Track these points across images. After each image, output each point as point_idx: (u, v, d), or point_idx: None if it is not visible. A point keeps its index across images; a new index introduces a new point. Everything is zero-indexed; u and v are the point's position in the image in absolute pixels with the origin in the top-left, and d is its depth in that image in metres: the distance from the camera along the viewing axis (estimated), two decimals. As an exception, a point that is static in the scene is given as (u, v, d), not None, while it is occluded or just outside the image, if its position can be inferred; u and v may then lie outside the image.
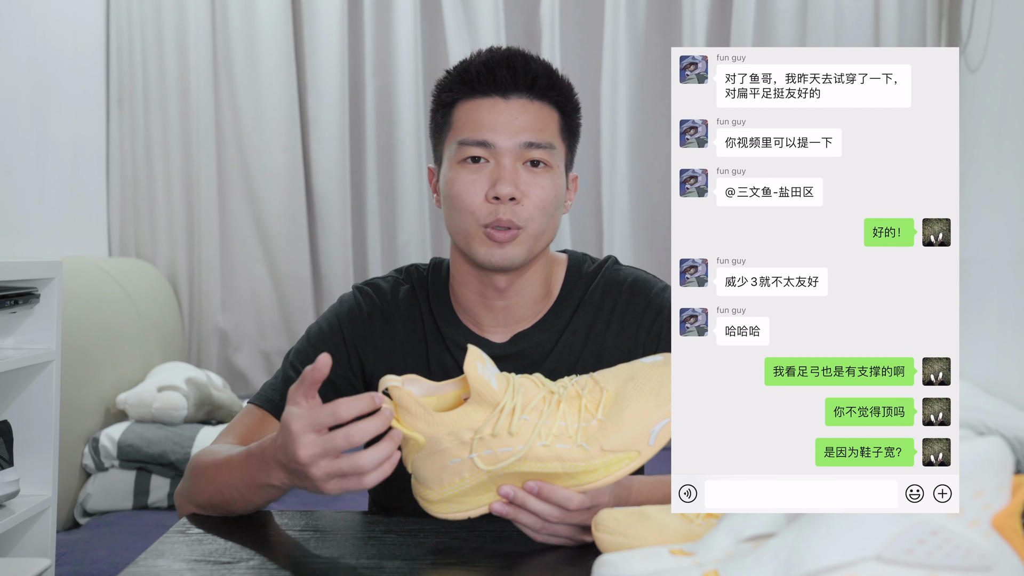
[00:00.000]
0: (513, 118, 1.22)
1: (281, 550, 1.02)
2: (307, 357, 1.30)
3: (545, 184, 1.22)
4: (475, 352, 0.98)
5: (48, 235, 2.85)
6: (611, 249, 3.30)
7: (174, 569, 0.96)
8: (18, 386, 2.09)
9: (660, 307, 1.30)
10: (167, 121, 3.31)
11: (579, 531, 1.01)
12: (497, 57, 1.24)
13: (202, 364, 3.34)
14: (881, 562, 0.69)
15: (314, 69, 3.33)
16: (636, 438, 0.96)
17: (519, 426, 0.96)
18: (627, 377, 0.99)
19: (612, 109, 3.30)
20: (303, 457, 0.94)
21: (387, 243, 3.39)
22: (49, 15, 2.85)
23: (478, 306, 1.29)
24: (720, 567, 0.74)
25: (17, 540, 2.07)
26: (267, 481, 1.03)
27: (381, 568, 0.97)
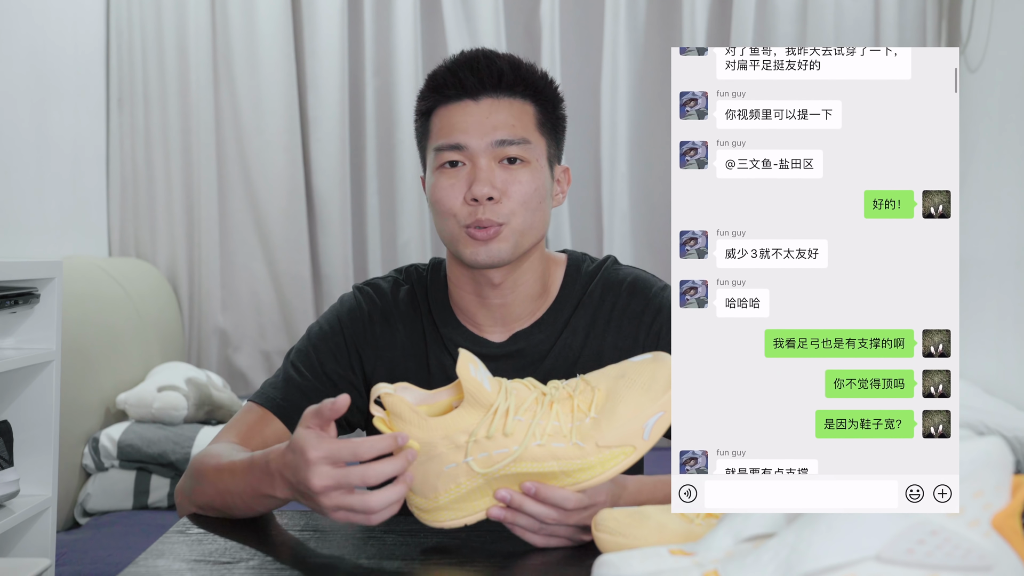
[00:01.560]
0: (484, 118, 1.22)
1: (281, 550, 1.02)
2: (308, 356, 1.30)
3: (523, 180, 1.22)
4: (467, 355, 0.98)
5: (48, 235, 2.85)
6: (611, 249, 3.30)
7: (174, 569, 0.96)
8: (18, 386, 2.09)
9: (660, 306, 1.30)
10: (167, 121, 3.31)
11: (578, 531, 1.01)
12: (461, 60, 1.24)
13: (202, 364, 3.34)
14: (881, 562, 0.69)
15: (314, 69, 3.33)
16: (630, 433, 0.96)
17: (513, 427, 0.96)
18: (618, 375, 1.00)
19: (612, 109, 3.30)
20: (315, 486, 0.94)
21: (387, 243, 3.39)
22: (49, 15, 2.85)
23: (475, 305, 1.29)
24: (720, 567, 0.74)
25: (17, 540, 2.07)
26: (270, 493, 1.03)
27: (381, 568, 0.97)
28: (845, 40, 3.15)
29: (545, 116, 1.27)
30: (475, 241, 1.21)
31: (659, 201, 3.34)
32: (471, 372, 0.97)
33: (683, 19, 3.27)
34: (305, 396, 1.27)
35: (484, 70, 1.23)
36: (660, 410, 0.96)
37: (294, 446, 0.96)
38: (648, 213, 3.36)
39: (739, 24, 3.21)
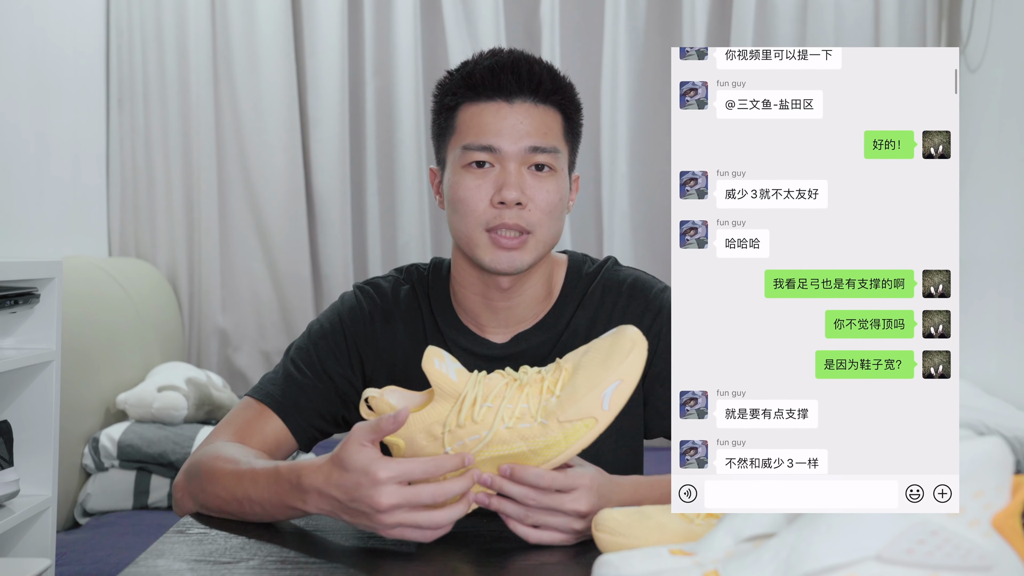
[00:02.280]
0: (518, 122, 1.21)
1: (281, 551, 1.02)
2: (308, 354, 1.30)
3: (550, 188, 1.22)
4: (432, 350, 1.01)
5: (48, 235, 2.85)
6: (611, 249, 3.30)
7: (174, 569, 0.96)
8: (18, 386, 2.09)
9: (660, 307, 1.30)
10: (167, 121, 3.31)
11: (571, 522, 1.00)
12: (502, 61, 1.23)
13: (202, 364, 3.34)
14: (881, 562, 0.69)
15: (314, 69, 3.33)
16: (589, 405, 0.97)
17: (482, 413, 0.98)
18: (583, 352, 1.02)
19: (612, 109, 3.30)
20: (383, 505, 0.94)
21: (387, 243, 3.39)
22: (49, 15, 2.85)
23: (480, 307, 1.29)
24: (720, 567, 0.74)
25: (17, 540, 2.07)
26: (299, 507, 1.03)
27: (381, 568, 0.97)
28: (845, 40, 3.15)
29: (569, 125, 1.27)
30: (498, 248, 1.21)
31: (659, 201, 3.34)
32: (435, 365, 0.99)
33: (683, 19, 3.27)
34: (304, 393, 1.27)
35: (525, 75, 1.22)
36: (617, 379, 0.97)
37: (351, 465, 0.96)
38: (648, 213, 3.36)
39: (739, 24, 3.21)
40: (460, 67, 1.27)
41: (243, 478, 1.09)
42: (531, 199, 1.21)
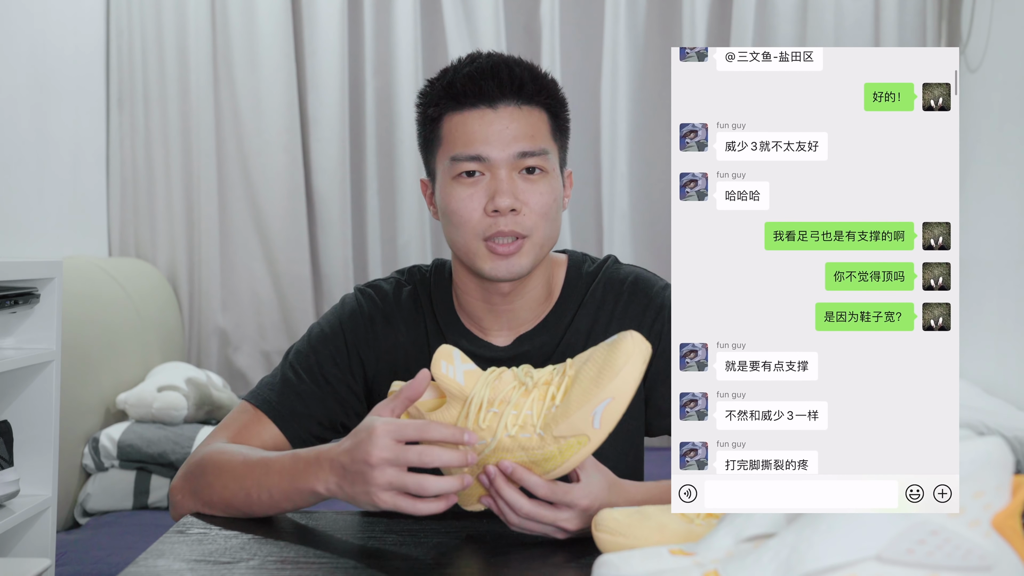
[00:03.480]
0: (504, 128, 1.20)
1: (281, 550, 1.02)
2: (307, 359, 1.29)
3: (543, 191, 1.21)
4: (441, 351, 1.01)
5: (48, 235, 2.85)
6: (611, 249, 3.30)
7: (174, 569, 0.96)
8: (18, 386, 2.09)
9: (661, 305, 1.30)
10: (167, 121, 3.31)
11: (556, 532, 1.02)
12: (482, 67, 1.21)
13: (202, 364, 3.34)
14: (881, 562, 0.69)
15: (314, 69, 3.33)
16: (579, 423, 0.97)
17: (488, 419, 0.98)
18: (584, 359, 1.01)
19: (612, 109, 3.30)
20: (374, 458, 0.95)
21: (387, 243, 3.39)
22: (49, 15, 2.85)
23: (481, 311, 1.29)
24: (720, 567, 0.74)
25: (17, 540, 2.07)
26: (311, 487, 1.03)
27: (381, 568, 0.97)
28: (845, 40, 3.15)
29: (556, 123, 1.26)
30: (496, 256, 1.20)
31: (659, 201, 3.34)
32: (442, 370, 1.00)
33: (683, 19, 3.27)
34: (302, 400, 1.26)
35: (506, 79, 1.21)
36: (608, 396, 0.96)
37: (361, 426, 0.99)
38: (648, 213, 3.36)
39: (739, 24, 3.21)
40: (440, 76, 1.25)
41: (254, 467, 1.10)
42: (525, 203, 1.20)
